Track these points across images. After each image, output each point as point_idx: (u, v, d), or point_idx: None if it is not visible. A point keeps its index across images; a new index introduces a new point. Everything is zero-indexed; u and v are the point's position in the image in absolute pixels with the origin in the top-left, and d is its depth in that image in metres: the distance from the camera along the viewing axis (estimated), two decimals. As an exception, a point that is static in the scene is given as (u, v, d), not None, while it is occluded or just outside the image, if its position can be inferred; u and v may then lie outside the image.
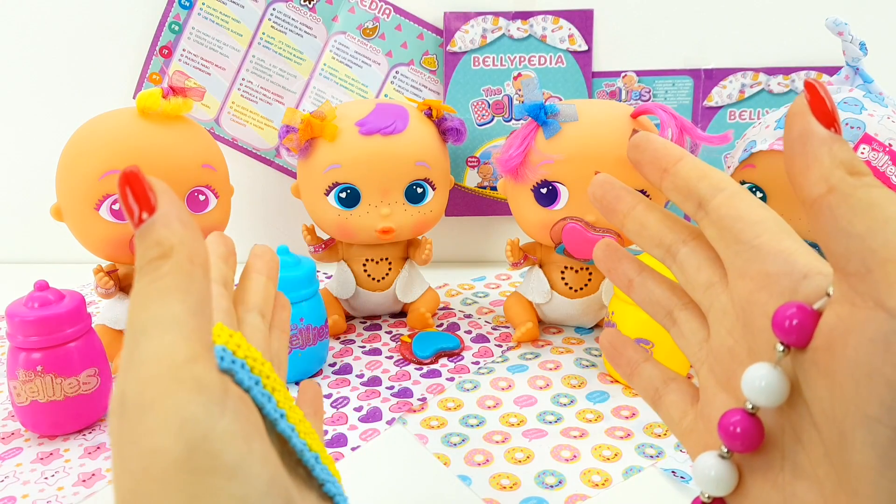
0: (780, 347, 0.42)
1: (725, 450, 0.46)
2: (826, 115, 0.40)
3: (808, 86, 0.41)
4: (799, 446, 0.43)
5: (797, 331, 0.41)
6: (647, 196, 1.10)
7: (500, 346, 1.21)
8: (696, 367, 0.52)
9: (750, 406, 0.44)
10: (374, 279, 1.27)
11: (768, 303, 0.44)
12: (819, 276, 0.42)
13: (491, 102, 1.48)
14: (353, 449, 0.94)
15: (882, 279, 0.35)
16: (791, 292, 0.43)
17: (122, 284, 1.14)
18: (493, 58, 1.46)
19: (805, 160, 0.40)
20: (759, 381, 0.43)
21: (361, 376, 1.12)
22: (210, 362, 0.38)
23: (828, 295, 0.40)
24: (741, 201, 0.47)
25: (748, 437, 0.44)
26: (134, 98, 1.46)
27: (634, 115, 1.11)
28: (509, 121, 1.49)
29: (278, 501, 0.37)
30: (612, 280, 0.58)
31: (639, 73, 1.47)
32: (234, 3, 1.46)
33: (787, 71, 1.42)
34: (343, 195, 1.18)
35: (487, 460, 0.90)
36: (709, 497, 0.47)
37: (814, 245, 0.95)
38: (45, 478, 0.89)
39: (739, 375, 0.46)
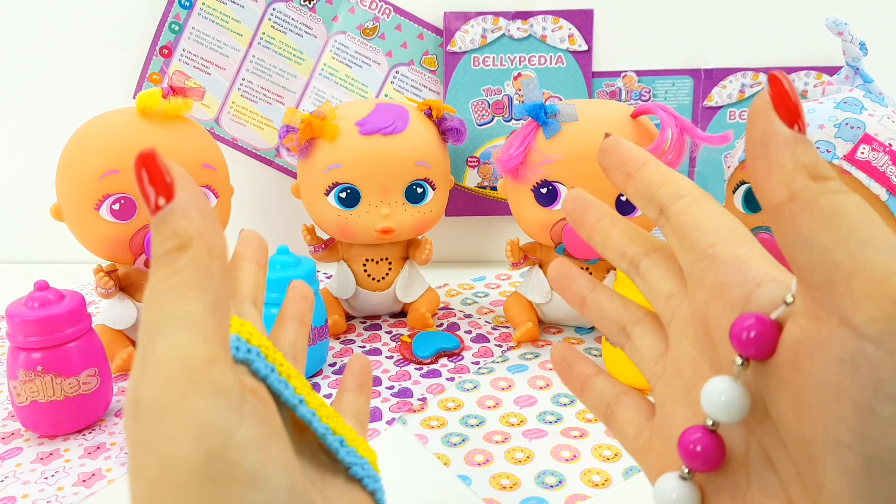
0: (739, 361, 0.40)
1: (686, 470, 0.43)
2: (790, 111, 0.37)
3: (772, 79, 0.38)
4: (767, 465, 0.41)
5: (756, 343, 0.39)
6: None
7: (500, 346, 1.21)
8: (652, 382, 0.50)
9: (710, 422, 0.42)
10: (374, 279, 1.27)
11: (723, 314, 0.43)
12: (773, 283, 0.41)
13: (491, 102, 1.48)
14: (353, 449, 0.94)
15: (847, 294, 0.33)
16: (745, 302, 0.41)
17: (121, 284, 1.15)
18: (493, 58, 1.46)
19: (767, 163, 0.38)
20: (719, 396, 0.41)
21: (361, 376, 1.11)
22: (227, 364, 0.37)
23: (785, 303, 0.39)
24: (700, 208, 0.46)
25: (709, 456, 0.42)
26: (134, 98, 1.46)
27: (634, 115, 1.11)
28: (509, 121, 1.49)
29: None
30: (566, 298, 0.58)
31: (639, 72, 1.47)
32: (234, 3, 1.46)
33: (787, 71, 1.42)
34: (343, 195, 1.18)
35: (487, 460, 0.90)
36: None
37: None
38: (45, 478, 0.89)
39: (697, 386, 0.46)
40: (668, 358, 0.49)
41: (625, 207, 1.11)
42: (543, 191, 1.12)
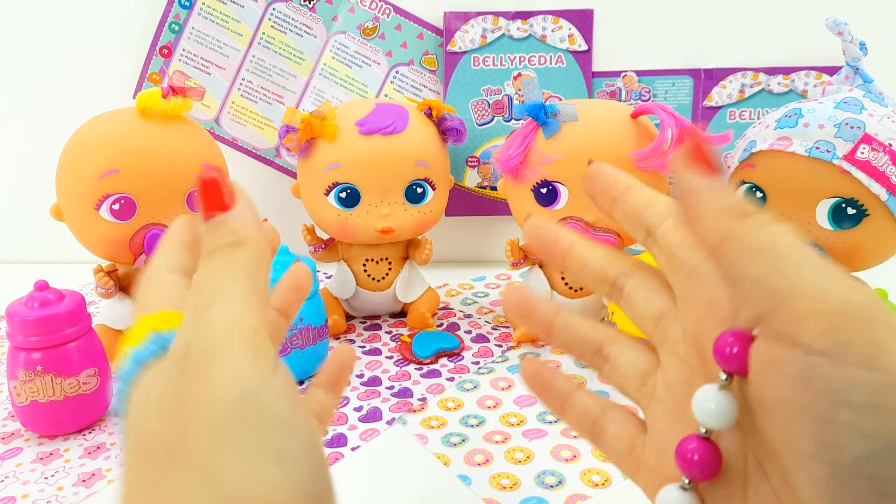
0: (723, 376, 0.41)
1: (686, 481, 0.44)
2: (705, 161, 0.40)
3: (685, 134, 0.41)
4: (761, 474, 0.41)
5: (737, 359, 0.40)
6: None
7: (500, 346, 1.21)
8: (642, 401, 0.50)
9: (703, 430, 0.42)
10: (374, 279, 1.27)
11: (712, 329, 0.43)
12: None
13: (491, 102, 1.48)
14: (352, 449, 0.94)
15: (790, 316, 0.35)
16: (732, 317, 0.42)
17: (121, 284, 1.15)
18: (493, 58, 1.46)
19: (695, 214, 0.40)
20: (709, 403, 0.41)
21: (361, 376, 1.12)
22: (267, 335, 0.40)
23: None
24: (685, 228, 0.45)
25: (706, 464, 0.42)
26: (134, 98, 1.46)
27: (634, 115, 1.11)
28: (509, 121, 1.49)
29: (315, 459, 0.38)
30: (530, 330, 0.54)
31: (639, 72, 1.47)
32: (234, 2, 1.46)
33: (787, 71, 1.42)
34: (343, 195, 1.18)
35: (487, 460, 0.90)
36: None
37: (836, 227, 0.95)
38: (45, 478, 0.89)
39: (690, 401, 0.44)
40: (660, 377, 0.49)
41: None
42: (543, 191, 1.12)
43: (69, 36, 1.50)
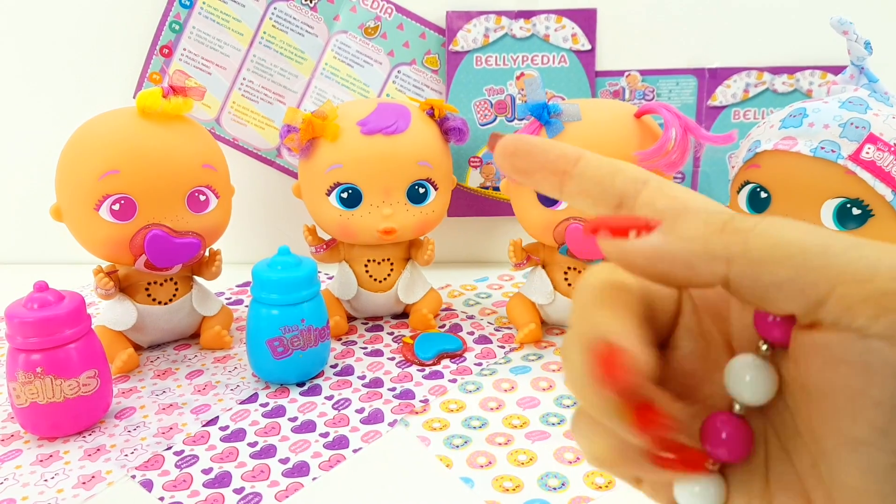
0: (764, 346, 0.37)
1: (710, 462, 0.39)
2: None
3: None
4: (784, 455, 0.38)
5: (780, 327, 0.36)
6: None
7: (503, 347, 1.21)
8: None
9: (737, 406, 0.38)
10: (375, 280, 1.27)
11: (730, 298, 0.39)
12: None
13: (493, 102, 1.48)
14: (354, 451, 0.94)
15: (836, 307, 0.32)
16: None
17: (121, 285, 1.15)
18: (496, 57, 1.46)
19: (682, 265, 0.35)
20: (745, 375, 0.37)
21: (363, 378, 1.12)
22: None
23: None
24: (673, 190, 0.40)
25: (737, 444, 0.38)
26: (134, 98, 1.45)
27: (638, 115, 1.11)
28: (512, 120, 1.49)
29: None
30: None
31: (642, 72, 1.47)
32: (234, 2, 1.46)
33: (791, 70, 1.42)
34: (345, 195, 1.18)
35: (490, 462, 0.90)
36: None
37: (841, 227, 0.95)
38: (45, 480, 0.89)
39: (717, 380, 0.39)
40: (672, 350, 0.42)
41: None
42: (546, 191, 1.12)
43: (68, 35, 1.50)
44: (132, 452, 0.94)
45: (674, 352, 0.42)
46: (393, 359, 1.18)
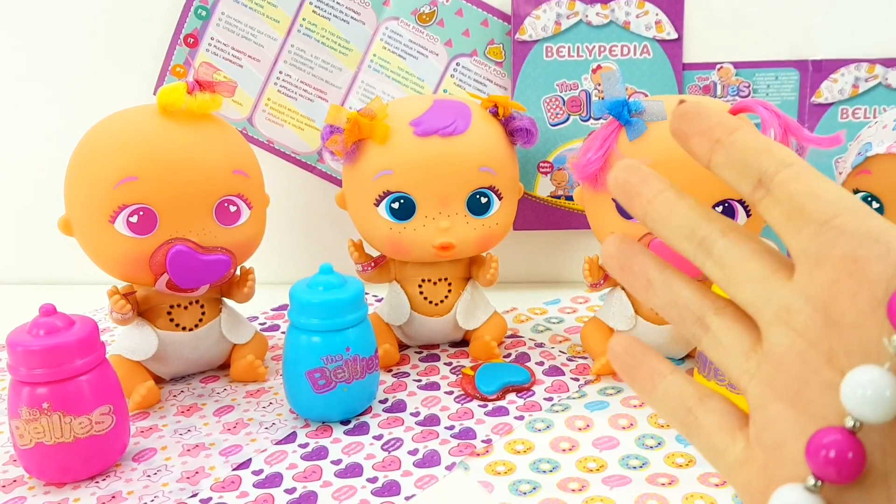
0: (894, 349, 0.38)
1: (814, 481, 0.40)
2: None
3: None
4: None
5: None
6: (749, 211, 1.09)
7: (577, 379, 1.20)
8: (742, 381, 0.48)
9: (852, 423, 0.39)
10: (431, 302, 1.27)
11: (859, 293, 0.41)
12: None
13: (566, 99, 1.47)
14: (406, 498, 0.93)
15: None
16: (888, 278, 0.40)
17: (140, 309, 1.15)
18: (569, 47, 1.45)
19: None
20: (866, 389, 0.38)
21: (417, 414, 1.11)
22: None
23: None
24: (813, 178, 0.44)
25: (846, 464, 0.39)
26: (154, 94, 1.46)
27: (732, 114, 1.10)
28: (587, 120, 1.48)
29: None
30: (626, 282, 0.54)
31: (736, 64, 1.46)
32: (270, -15, 1.46)
33: (909, 61, 1.41)
34: (396, 206, 1.18)
35: (563, 513, 0.89)
36: None
37: None
38: (52, 532, 0.89)
39: (815, 386, 0.43)
40: (763, 353, 0.46)
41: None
42: (628, 200, 1.11)
43: (79, 24, 1.51)
44: (152, 501, 0.93)
45: (766, 342, 0.46)
46: (451, 393, 1.17)
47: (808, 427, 0.42)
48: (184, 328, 1.17)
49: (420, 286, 1.26)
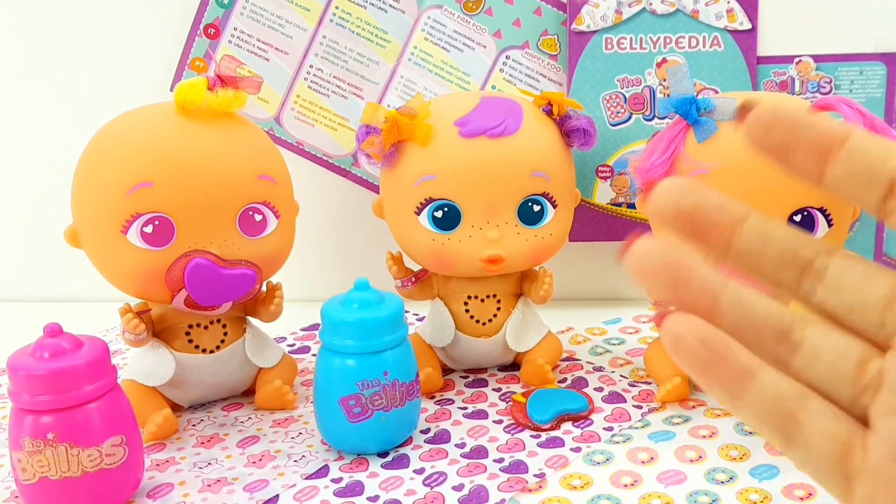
0: None
1: None
2: None
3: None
4: None
5: None
6: (830, 220, 1.08)
7: (640, 407, 1.19)
8: (865, 396, 0.44)
9: None
10: (478, 322, 1.26)
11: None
12: None
13: (628, 96, 1.47)
14: (451, 541, 0.92)
15: None
16: None
17: (155, 329, 1.15)
18: (631, 39, 1.45)
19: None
20: None
21: (462, 446, 1.10)
22: None
23: None
24: None
25: None
26: (171, 90, 1.46)
27: (812, 112, 1.09)
28: (651, 119, 1.48)
29: None
30: (681, 303, 0.46)
31: (816, 57, 1.45)
32: (300, -30, 1.46)
33: None
34: (439, 214, 1.17)
35: (625, 555, 0.89)
36: None
37: None
38: (58, 577, 0.88)
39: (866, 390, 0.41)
40: (888, 363, 0.43)
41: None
42: (696, 208, 1.10)
43: (89, 13, 1.51)
44: (168, 542, 0.93)
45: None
46: (500, 422, 1.16)
47: None
48: (204, 350, 1.16)
49: (466, 304, 1.26)
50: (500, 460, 1.07)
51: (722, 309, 0.46)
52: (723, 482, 1.00)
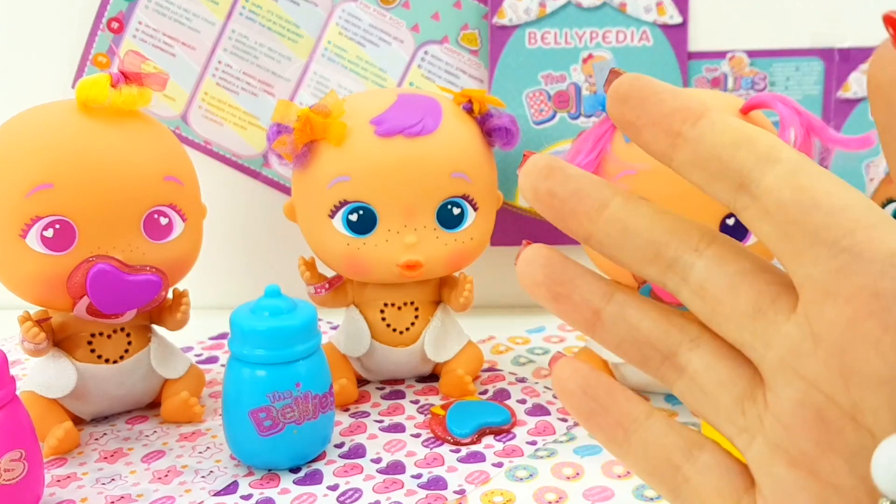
0: None
1: None
2: None
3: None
4: None
5: None
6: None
7: (565, 420, 1.20)
8: (741, 441, 0.43)
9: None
10: (395, 330, 1.27)
11: (884, 338, 0.36)
12: None
13: (552, 93, 1.48)
14: (366, 560, 0.93)
15: None
16: None
17: (56, 338, 1.15)
18: (556, 33, 1.46)
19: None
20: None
21: (379, 461, 1.11)
22: None
23: None
24: (811, 177, 0.39)
25: None
26: (73, 87, 1.47)
27: (745, 110, 1.11)
28: (577, 117, 1.49)
29: None
30: (564, 316, 0.47)
31: (750, 53, 1.47)
32: (207, -40, 1.47)
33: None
34: (354, 218, 1.18)
35: (549, 576, 0.90)
36: None
37: None
38: None
39: (838, 450, 0.38)
40: (766, 405, 0.41)
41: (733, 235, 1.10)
42: (623, 211, 1.12)
43: (-12, 6, 1.51)
44: (69, 561, 0.94)
45: (772, 394, 0.41)
46: (418, 436, 1.17)
47: (831, 499, 0.39)
48: (107, 360, 1.16)
49: (382, 311, 1.27)
50: (419, 476, 1.08)
51: (604, 325, 0.46)
52: (651, 499, 1.01)
